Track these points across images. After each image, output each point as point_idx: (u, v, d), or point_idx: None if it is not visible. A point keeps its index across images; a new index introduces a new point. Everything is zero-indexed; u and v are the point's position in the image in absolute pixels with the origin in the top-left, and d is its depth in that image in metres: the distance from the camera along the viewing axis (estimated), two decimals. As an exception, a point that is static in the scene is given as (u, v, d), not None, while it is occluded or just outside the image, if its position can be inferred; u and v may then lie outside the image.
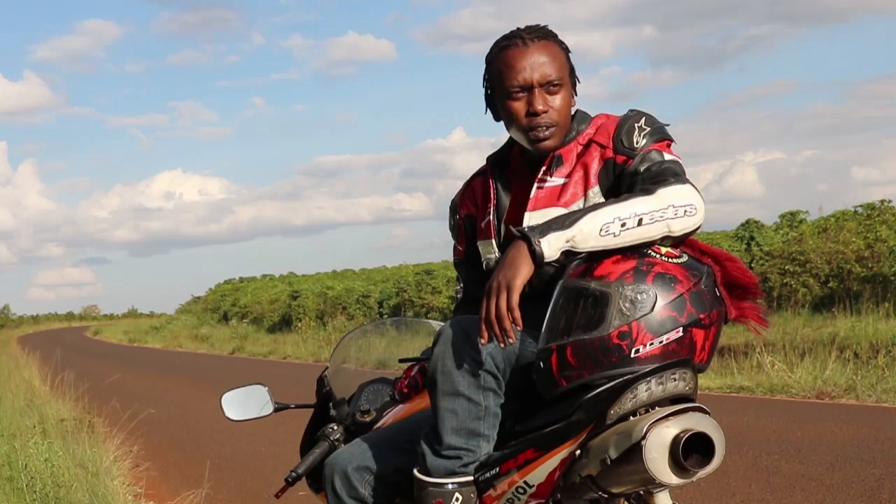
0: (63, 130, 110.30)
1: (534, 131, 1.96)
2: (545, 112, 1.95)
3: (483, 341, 1.78)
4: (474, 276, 2.15)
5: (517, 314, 1.74)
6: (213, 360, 20.31)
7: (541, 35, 1.99)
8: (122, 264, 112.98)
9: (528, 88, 1.96)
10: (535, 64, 1.95)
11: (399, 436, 2.08)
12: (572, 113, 2.02)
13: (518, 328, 1.77)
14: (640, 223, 1.75)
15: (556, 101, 1.97)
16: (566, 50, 2.02)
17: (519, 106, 1.97)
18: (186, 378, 15.60)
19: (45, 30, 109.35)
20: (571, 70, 2.03)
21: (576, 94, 2.04)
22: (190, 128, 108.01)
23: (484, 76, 2.06)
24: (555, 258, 1.76)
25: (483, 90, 2.07)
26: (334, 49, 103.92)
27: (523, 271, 1.76)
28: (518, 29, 2.01)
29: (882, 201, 14.43)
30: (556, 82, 1.96)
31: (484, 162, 2.17)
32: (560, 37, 2.03)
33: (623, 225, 1.74)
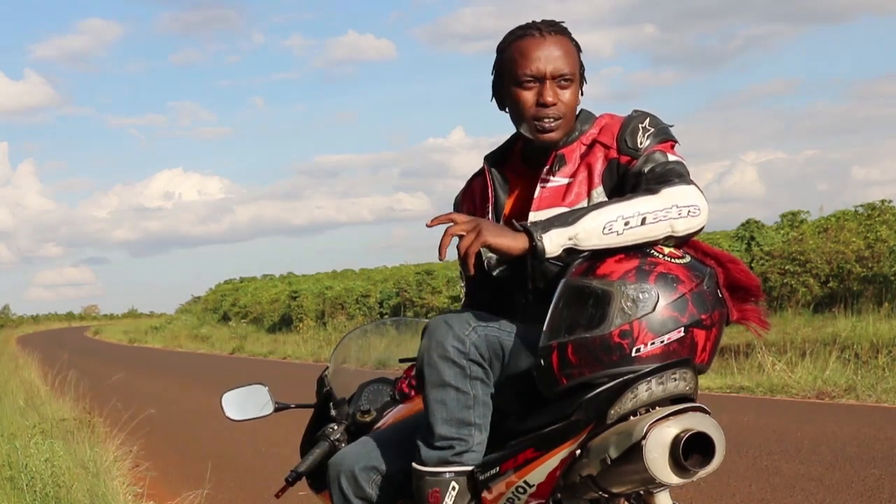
0: (63, 130, 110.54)
1: (540, 122, 1.97)
2: (554, 104, 1.96)
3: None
4: (476, 277, 2.14)
5: (471, 262, 1.77)
6: (213, 360, 20.30)
7: (557, 29, 2.00)
8: (121, 264, 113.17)
9: (541, 79, 1.96)
10: (550, 56, 1.96)
11: (405, 436, 2.08)
12: (577, 112, 2.02)
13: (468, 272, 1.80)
14: (643, 222, 1.75)
15: (566, 95, 1.98)
16: (578, 48, 2.03)
17: (528, 95, 1.98)
18: (186, 378, 15.60)
19: (47, 29, 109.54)
20: (581, 68, 2.03)
21: (582, 94, 2.04)
22: (189, 128, 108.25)
23: (494, 64, 2.06)
24: (556, 254, 1.76)
25: (491, 78, 2.07)
26: (334, 49, 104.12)
27: (506, 243, 1.76)
28: (534, 21, 2.02)
29: (882, 201, 14.47)
30: (567, 77, 1.97)
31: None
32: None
33: (626, 224, 1.74)
